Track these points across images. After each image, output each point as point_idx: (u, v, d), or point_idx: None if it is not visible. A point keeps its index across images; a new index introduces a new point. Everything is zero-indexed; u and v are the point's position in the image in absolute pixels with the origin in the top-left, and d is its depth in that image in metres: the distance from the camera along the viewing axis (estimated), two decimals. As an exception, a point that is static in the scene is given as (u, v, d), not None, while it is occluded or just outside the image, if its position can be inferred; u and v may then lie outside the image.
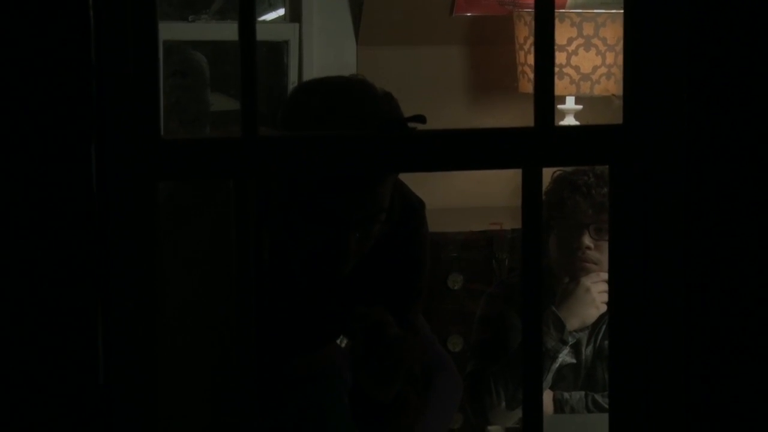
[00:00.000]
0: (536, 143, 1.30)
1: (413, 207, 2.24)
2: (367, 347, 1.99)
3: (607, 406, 2.69)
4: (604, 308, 2.77)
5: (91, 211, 1.18)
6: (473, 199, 4.24)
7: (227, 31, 4.06)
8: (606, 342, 2.77)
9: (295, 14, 4.21)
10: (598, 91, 3.87)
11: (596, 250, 2.75)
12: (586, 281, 2.76)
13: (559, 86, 3.85)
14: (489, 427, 2.73)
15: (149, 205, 1.21)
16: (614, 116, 4.15)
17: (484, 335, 2.86)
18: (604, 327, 2.81)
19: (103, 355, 1.20)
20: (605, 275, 2.72)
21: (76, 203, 1.18)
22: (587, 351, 2.82)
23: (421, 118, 1.46)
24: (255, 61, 1.22)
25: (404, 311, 2.18)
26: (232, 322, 1.31)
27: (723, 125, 1.30)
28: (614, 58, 3.86)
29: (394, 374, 2.04)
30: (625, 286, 1.33)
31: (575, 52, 3.84)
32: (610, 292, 1.37)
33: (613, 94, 3.98)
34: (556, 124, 1.32)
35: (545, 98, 1.29)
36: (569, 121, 3.96)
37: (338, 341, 2.00)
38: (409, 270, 2.21)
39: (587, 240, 2.75)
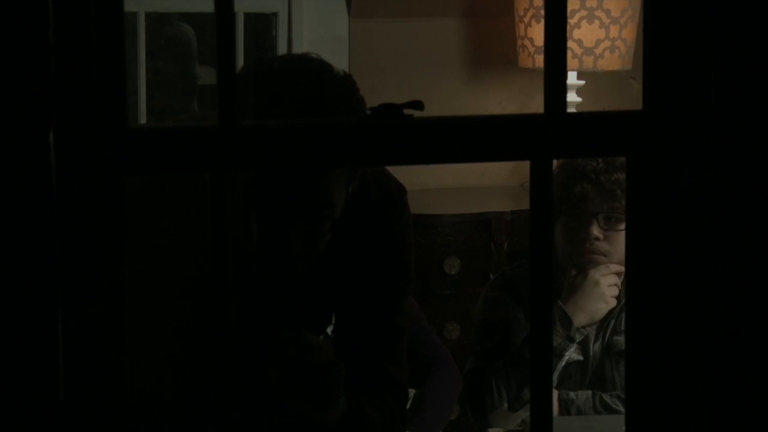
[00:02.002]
0: (546, 133, 1.21)
1: (390, 194, 2.08)
2: (293, 374, 1.83)
3: (615, 406, 2.64)
4: (613, 303, 2.69)
5: (50, 208, 1.11)
6: (470, 180, 4.18)
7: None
8: (615, 338, 2.71)
9: (285, -16, 4.13)
10: (601, 65, 3.80)
11: (605, 241, 2.66)
12: (595, 274, 2.66)
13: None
14: (489, 430, 2.64)
15: (115, 202, 1.14)
16: (623, 96, 4.10)
17: (486, 341, 2.75)
18: (613, 322, 2.74)
19: (63, 367, 1.13)
20: (615, 267, 2.64)
21: (32, 199, 1.10)
22: (595, 347, 2.74)
23: (418, 105, 1.34)
24: (233, 41, 1.11)
25: (387, 310, 2.06)
26: (205, 328, 1.21)
27: (753, 112, 1.22)
28: (618, 32, 3.78)
29: (326, 400, 1.88)
30: (645, 288, 1.25)
31: (578, 25, 3.78)
32: (628, 293, 1.29)
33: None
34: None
35: (556, 83, 1.20)
36: (571, 97, 3.92)
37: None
38: (390, 269, 2.06)
39: (596, 230, 2.66)
